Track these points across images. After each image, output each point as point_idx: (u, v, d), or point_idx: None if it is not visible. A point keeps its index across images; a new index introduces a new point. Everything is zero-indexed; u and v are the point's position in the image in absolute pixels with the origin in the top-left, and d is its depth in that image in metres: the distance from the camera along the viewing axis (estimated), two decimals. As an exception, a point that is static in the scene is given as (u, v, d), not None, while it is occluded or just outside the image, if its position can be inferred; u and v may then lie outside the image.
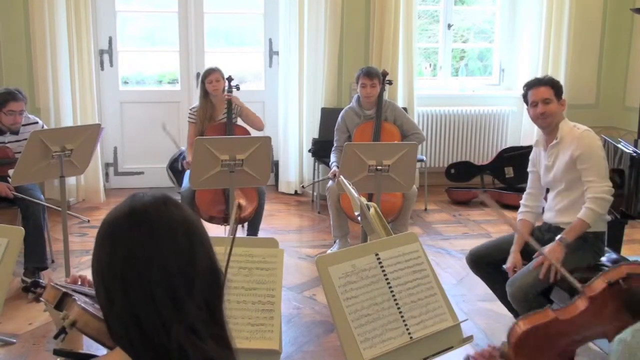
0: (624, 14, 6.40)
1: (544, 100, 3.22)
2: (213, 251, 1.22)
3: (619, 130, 6.48)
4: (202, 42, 6.37)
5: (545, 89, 3.24)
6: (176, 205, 1.22)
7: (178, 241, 1.16)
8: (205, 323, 1.16)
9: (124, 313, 1.13)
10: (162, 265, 1.14)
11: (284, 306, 3.77)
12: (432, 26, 6.95)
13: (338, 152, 4.85)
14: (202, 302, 1.16)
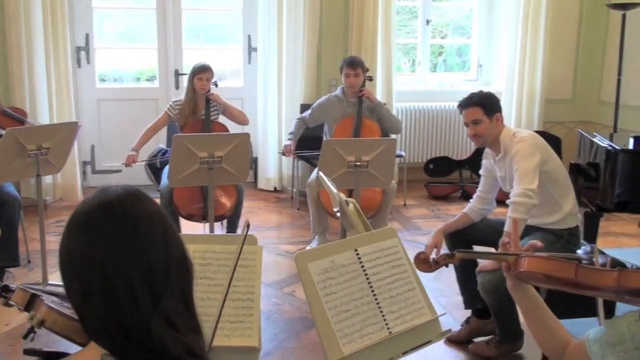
0: (600, 10, 6.47)
1: (474, 121, 3.24)
2: (182, 240, 1.22)
3: (595, 125, 6.56)
4: (181, 39, 6.34)
5: (474, 109, 3.23)
6: (147, 197, 1.22)
7: (156, 233, 1.16)
8: (182, 314, 1.16)
9: (102, 307, 1.12)
10: (142, 257, 1.13)
11: (263, 303, 3.78)
12: (411, 22, 6.97)
13: (300, 123, 5.00)
14: (178, 293, 1.16)
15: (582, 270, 1.54)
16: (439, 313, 2.17)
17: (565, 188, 3.23)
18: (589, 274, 1.53)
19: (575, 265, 1.55)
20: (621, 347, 1.39)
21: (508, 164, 3.19)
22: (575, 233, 3.24)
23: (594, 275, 1.52)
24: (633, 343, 1.38)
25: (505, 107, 6.49)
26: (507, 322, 3.17)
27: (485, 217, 3.45)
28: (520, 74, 6.46)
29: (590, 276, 1.52)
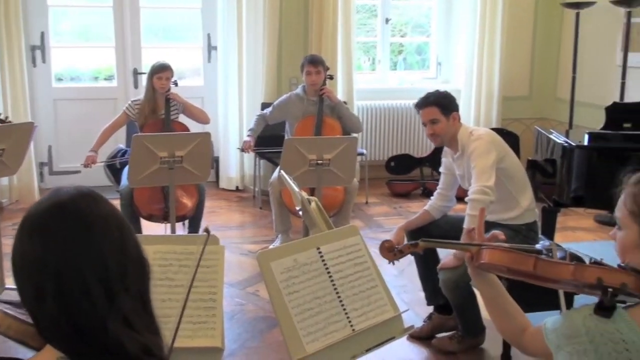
0: (554, 9, 6.60)
1: (431, 120, 3.28)
2: (138, 240, 1.21)
3: (551, 121, 6.69)
4: (139, 38, 6.26)
5: (431, 109, 3.28)
6: (102, 198, 1.21)
7: (111, 233, 1.15)
8: (139, 314, 1.15)
9: (56, 309, 1.10)
10: (97, 258, 1.12)
11: (226, 303, 3.76)
12: (371, 21, 7.01)
13: (261, 120, 5.00)
14: (135, 293, 1.15)
15: (540, 263, 1.57)
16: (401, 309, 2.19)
17: (523, 184, 3.28)
18: (547, 267, 1.56)
19: (535, 258, 1.58)
20: (577, 340, 1.42)
21: (466, 162, 3.24)
22: (533, 228, 3.30)
23: (552, 268, 1.55)
24: (587, 337, 1.41)
25: (465, 104, 6.60)
26: (468, 318, 3.22)
27: (446, 213, 3.49)
28: (478, 72, 6.55)
29: (548, 269, 1.56)
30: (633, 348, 1.39)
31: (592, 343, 1.40)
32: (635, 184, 1.54)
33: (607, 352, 1.39)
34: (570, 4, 5.92)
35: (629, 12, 5.36)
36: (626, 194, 1.55)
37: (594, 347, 1.40)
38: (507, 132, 6.28)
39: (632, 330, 1.40)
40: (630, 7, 5.32)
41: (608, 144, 3.68)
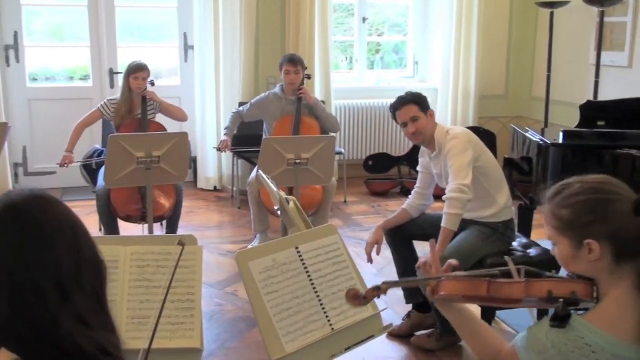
0: (529, 8, 6.66)
1: (412, 118, 3.29)
2: (94, 241, 1.22)
3: (527, 120, 6.75)
4: (114, 37, 6.20)
5: (410, 106, 3.30)
6: (55, 200, 1.22)
7: (65, 233, 1.17)
8: (95, 312, 1.15)
9: (9, 310, 1.10)
10: (50, 258, 1.13)
11: (205, 303, 3.75)
12: (348, 20, 7.02)
13: (236, 117, 4.98)
14: (90, 292, 1.16)
15: (493, 285, 1.59)
16: (380, 308, 2.20)
17: (499, 182, 3.31)
18: (499, 289, 1.59)
19: (487, 282, 1.60)
20: (547, 354, 1.46)
21: (443, 161, 3.26)
22: (510, 225, 3.33)
23: (505, 289, 1.58)
24: (554, 349, 1.44)
25: (442, 103, 6.65)
26: (447, 315, 3.24)
27: (424, 212, 3.51)
28: (455, 70, 6.59)
29: (501, 290, 1.59)
30: (597, 348, 1.42)
31: (561, 353, 1.44)
32: (550, 200, 1.57)
33: (576, 359, 1.43)
34: (544, 3, 5.98)
35: (602, 11, 5.43)
36: (546, 212, 1.59)
37: (563, 357, 1.44)
38: (484, 131, 6.34)
39: (591, 332, 1.43)
40: (603, 6, 5.39)
41: (582, 141, 3.73)
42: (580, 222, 1.50)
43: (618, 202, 1.48)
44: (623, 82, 5.47)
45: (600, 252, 1.48)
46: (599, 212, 1.48)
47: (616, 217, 1.47)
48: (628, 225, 1.46)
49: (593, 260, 1.49)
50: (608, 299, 1.49)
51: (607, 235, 1.47)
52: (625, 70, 5.50)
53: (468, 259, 3.11)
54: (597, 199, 1.50)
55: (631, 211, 1.46)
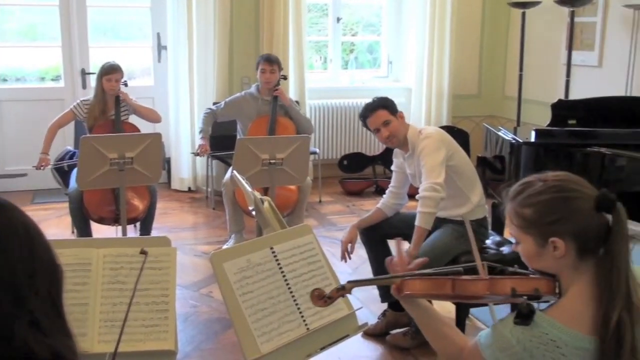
0: (501, 8, 6.73)
1: (384, 123, 3.32)
2: (50, 245, 1.20)
3: (500, 119, 6.82)
4: (86, 37, 6.14)
5: (380, 112, 3.33)
6: (10, 205, 1.20)
7: (19, 237, 1.14)
8: (50, 317, 1.14)
9: None
10: (4, 261, 1.11)
11: (180, 305, 3.73)
12: (322, 20, 7.03)
13: (210, 117, 4.93)
14: (45, 296, 1.14)
15: (457, 283, 1.62)
16: (355, 307, 2.20)
17: (472, 181, 3.34)
18: (464, 286, 1.61)
19: (452, 280, 1.62)
20: (511, 351, 1.48)
21: (416, 160, 3.28)
22: (483, 224, 3.36)
23: (469, 287, 1.61)
24: (519, 346, 1.46)
25: (416, 102, 6.69)
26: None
27: (398, 211, 3.52)
28: (428, 70, 6.63)
29: (466, 288, 1.61)
30: (561, 343, 1.45)
31: (526, 350, 1.46)
32: (512, 200, 1.59)
33: (541, 355, 1.45)
34: (516, 4, 6.05)
35: (572, 11, 5.50)
36: (508, 211, 1.61)
37: (529, 353, 1.46)
38: (458, 130, 6.38)
39: (555, 328, 1.46)
40: (573, 6, 5.46)
41: (554, 140, 3.77)
42: (545, 221, 1.52)
43: (580, 199, 1.51)
44: (593, 81, 5.55)
45: (565, 249, 1.50)
46: (562, 211, 1.50)
47: (579, 214, 1.50)
48: (590, 222, 1.49)
49: (558, 258, 1.52)
50: (570, 294, 1.52)
51: (571, 232, 1.50)
52: (596, 69, 5.58)
53: (442, 258, 3.14)
54: (560, 198, 1.51)
55: (593, 208, 1.49)
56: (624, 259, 1.48)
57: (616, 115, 3.87)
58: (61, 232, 5.01)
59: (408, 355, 3.31)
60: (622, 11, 5.16)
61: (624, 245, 1.48)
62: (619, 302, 1.44)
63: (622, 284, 1.46)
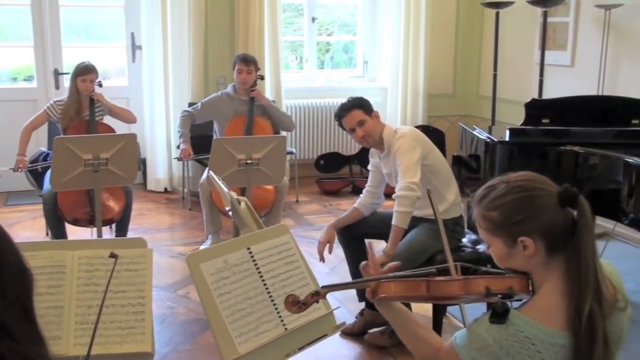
0: (475, 8, 6.78)
1: (359, 122, 3.34)
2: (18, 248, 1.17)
3: (475, 118, 6.87)
4: (59, 37, 6.06)
5: (355, 112, 3.34)
6: None
7: None
8: (20, 323, 1.12)
9: None
10: None
11: (157, 307, 3.71)
12: (297, 19, 7.02)
13: (187, 119, 4.87)
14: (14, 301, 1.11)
15: (432, 284, 1.62)
16: (333, 307, 2.21)
17: (448, 180, 3.36)
18: (438, 287, 1.62)
19: (426, 282, 1.63)
20: (488, 350, 1.49)
21: (392, 160, 3.29)
22: (459, 222, 3.39)
23: (443, 287, 1.62)
24: (496, 345, 1.48)
25: (391, 102, 6.71)
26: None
27: (375, 210, 3.54)
28: (404, 70, 6.66)
29: (440, 288, 1.62)
30: (537, 340, 1.47)
31: (502, 349, 1.47)
32: (478, 204, 1.61)
33: (517, 353, 1.47)
34: (490, 4, 6.10)
35: (545, 11, 5.57)
36: (476, 216, 1.63)
37: (505, 352, 1.47)
38: (433, 129, 6.42)
39: (530, 325, 1.48)
40: (546, 7, 5.52)
41: (528, 139, 3.82)
42: (511, 222, 1.54)
43: (543, 197, 1.52)
44: (566, 80, 5.62)
45: (534, 247, 1.52)
46: (527, 210, 1.52)
47: (544, 211, 1.51)
48: (556, 218, 1.51)
49: (529, 257, 1.54)
50: (543, 291, 1.54)
51: (538, 230, 1.52)
52: (568, 69, 5.65)
53: (418, 257, 3.16)
54: (524, 197, 1.53)
55: (556, 204, 1.51)
56: (591, 252, 1.50)
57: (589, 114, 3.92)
58: (35, 234, 4.95)
59: (386, 354, 3.32)
60: (594, 11, 5.23)
61: (590, 238, 1.50)
62: (588, 295, 1.46)
63: (590, 277, 1.48)
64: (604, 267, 1.59)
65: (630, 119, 3.87)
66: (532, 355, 1.47)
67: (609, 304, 1.51)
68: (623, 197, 3.21)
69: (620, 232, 4.73)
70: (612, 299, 1.53)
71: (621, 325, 1.55)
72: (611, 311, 1.52)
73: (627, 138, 3.71)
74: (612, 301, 1.53)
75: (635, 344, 3.37)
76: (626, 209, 3.20)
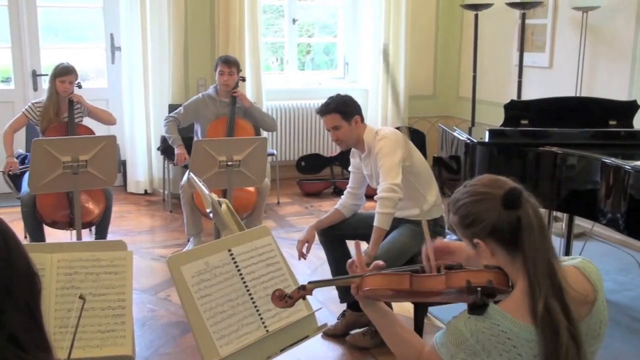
0: (454, 10, 6.83)
1: (333, 127, 3.37)
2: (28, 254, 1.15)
3: (455, 119, 6.92)
4: (37, 38, 6.00)
5: (332, 116, 3.36)
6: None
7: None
8: (28, 330, 1.10)
9: None
10: None
11: (138, 310, 3.68)
12: (278, 21, 7.02)
13: (173, 124, 4.85)
14: (23, 308, 1.09)
15: (415, 279, 1.66)
16: (314, 308, 2.21)
17: (428, 181, 3.38)
18: (422, 282, 1.66)
19: (409, 276, 1.66)
20: (465, 345, 1.51)
21: (373, 161, 3.30)
22: (440, 223, 3.40)
23: (427, 282, 1.66)
24: (473, 338, 1.51)
25: (372, 104, 6.73)
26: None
27: (356, 212, 3.54)
28: (385, 71, 6.68)
29: (423, 283, 1.65)
30: (512, 335, 1.50)
31: (479, 342, 1.50)
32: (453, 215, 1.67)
33: (493, 347, 1.49)
34: (469, 6, 6.14)
35: (524, 13, 5.62)
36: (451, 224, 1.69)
37: (481, 345, 1.50)
38: (414, 130, 6.45)
39: (506, 320, 1.51)
40: (524, 9, 5.57)
41: (507, 140, 3.84)
42: (464, 225, 1.61)
43: (487, 200, 1.57)
44: (544, 82, 5.67)
45: (488, 248, 1.58)
46: (474, 213, 1.58)
47: (488, 214, 1.56)
48: (501, 219, 1.55)
49: (490, 257, 1.59)
50: (517, 287, 1.57)
51: (485, 232, 1.57)
52: (546, 70, 5.71)
53: (400, 257, 3.17)
54: (471, 202, 1.60)
55: (500, 206, 1.55)
56: (539, 250, 1.52)
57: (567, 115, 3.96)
58: (13, 237, 4.88)
59: (368, 355, 3.33)
60: (571, 13, 5.28)
61: (534, 236, 1.52)
62: (542, 292, 1.49)
63: (540, 274, 1.51)
64: (583, 264, 1.62)
65: (608, 119, 3.91)
66: (508, 349, 1.49)
67: (579, 302, 1.53)
68: (600, 197, 3.25)
69: (598, 231, 4.78)
70: (586, 297, 1.55)
71: (599, 317, 1.57)
72: (587, 309, 1.55)
73: (604, 139, 3.75)
74: (587, 299, 1.56)
75: (616, 343, 3.42)
76: (604, 209, 3.24)
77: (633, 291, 4.12)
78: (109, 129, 5.08)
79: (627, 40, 4.90)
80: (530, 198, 1.56)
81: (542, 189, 3.53)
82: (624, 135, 3.84)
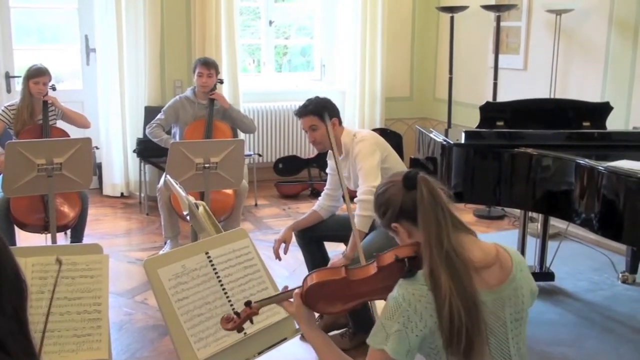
0: (430, 12, 6.87)
1: (310, 127, 3.38)
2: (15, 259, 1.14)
3: (431, 121, 6.96)
4: (10, 39, 5.92)
5: (310, 118, 3.38)
6: None
7: None
8: (14, 337, 1.08)
9: None
10: None
11: (114, 313, 3.65)
12: (254, 23, 7.01)
13: (159, 129, 4.84)
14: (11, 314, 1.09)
15: (350, 270, 1.75)
16: (292, 310, 2.21)
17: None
18: (356, 271, 1.75)
19: (344, 267, 1.76)
20: (399, 312, 1.60)
21: (351, 163, 3.31)
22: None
23: (361, 270, 1.75)
24: (405, 302, 1.59)
25: (349, 105, 6.74)
26: (359, 314, 3.28)
27: (334, 213, 3.55)
28: (361, 73, 6.70)
29: (358, 272, 1.75)
30: None
31: (411, 305, 1.59)
32: (374, 213, 1.85)
33: (424, 307, 1.58)
34: (444, 8, 6.19)
35: (498, 16, 5.67)
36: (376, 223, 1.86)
37: (413, 309, 1.58)
38: (391, 132, 6.48)
39: None
40: (499, 12, 5.63)
41: (483, 141, 3.87)
42: (380, 215, 1.78)
43: (392, 187, 1.74)
44: (519, 84, 5.73)
45: (404, 229, 1.73)
46: (384, 203, 1.75)
47: (394, 198, 1.73)
48: (406, 200, 1.70)
49: (410, 236, 1.72)
50: None
51: (397, 215, 1.73)
52: (521, 72, 5.77)
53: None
54: (380, 194, 1.77)
55: (402, 188, 1.71)
56: (433, 222, 1.64)
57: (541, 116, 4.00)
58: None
59: (346, 356, 3.33)
60: (545, 16, 5.34)
61: (423, 210, 1.65)
62: (427, 258, 1.61)
63: (431, 242, 1.62)
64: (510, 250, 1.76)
65: (582, 121, 3.96)
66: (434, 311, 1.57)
67: (485, 267, 1.66)
68: (575, 197, 3.29)
69: (573, 232, 4.84)
70: (494, 263, 1.69)
71: (515, 285, 1.70)
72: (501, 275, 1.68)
73: (578, 140, 3.80)
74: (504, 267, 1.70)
75: (591, 341, 3.47)
76: (578, 209, 3.28)
77: (607, 290, 4.17)
78: (84, 131, 5.02)
79: (599, 42, 4.97)
80: (429, 179, 1.69)
81: (518, 190, 3.57)
82: (598, 136, 3.89)
